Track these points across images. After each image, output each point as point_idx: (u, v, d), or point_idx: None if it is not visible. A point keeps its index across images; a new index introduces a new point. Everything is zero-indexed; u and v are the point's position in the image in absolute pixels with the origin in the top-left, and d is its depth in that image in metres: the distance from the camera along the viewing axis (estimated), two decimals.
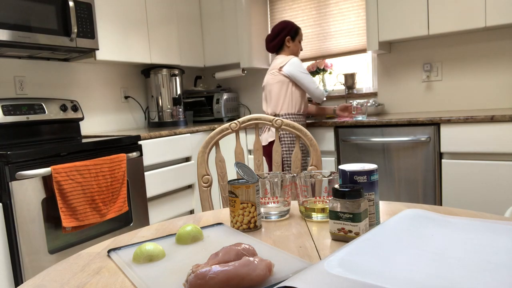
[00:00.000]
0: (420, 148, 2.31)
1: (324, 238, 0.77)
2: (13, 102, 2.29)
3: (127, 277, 0.65)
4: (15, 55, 2.36)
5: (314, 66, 3.27)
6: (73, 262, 0.73)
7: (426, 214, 0.74)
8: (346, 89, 3.16)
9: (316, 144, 1.41)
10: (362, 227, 0.73)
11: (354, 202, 0.73)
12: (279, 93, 2.48)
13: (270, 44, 2.62)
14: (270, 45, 2.62)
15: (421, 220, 0.71)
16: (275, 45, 2.60)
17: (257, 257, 0.60)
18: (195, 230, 0.78)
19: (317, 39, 3.29)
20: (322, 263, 0.53)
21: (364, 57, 3.15)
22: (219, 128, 1.46)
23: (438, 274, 0.50)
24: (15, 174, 1.78)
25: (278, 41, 2.57)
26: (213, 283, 0.54)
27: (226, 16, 3.39)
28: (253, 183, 0.85)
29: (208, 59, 3.55)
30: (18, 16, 2.04)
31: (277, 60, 2.55)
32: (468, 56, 2.69)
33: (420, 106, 2.90)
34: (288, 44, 2.57)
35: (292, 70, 2.45)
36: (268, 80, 2.54)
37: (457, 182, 2.23)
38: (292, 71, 2.45)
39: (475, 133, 2.14)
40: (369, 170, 0.80)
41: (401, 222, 0.70)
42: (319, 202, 0.89)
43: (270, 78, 2.53)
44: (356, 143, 2.53)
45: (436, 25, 2.46)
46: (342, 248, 0.59)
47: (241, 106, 3.75)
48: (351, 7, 3.09)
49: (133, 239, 0.85)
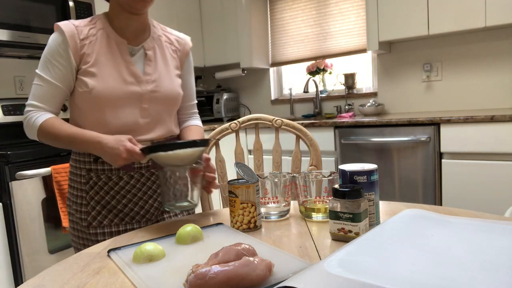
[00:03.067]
0: (420, 148, 2.31)
1: (324, 238, 0.77)
2: (13, 102, 2.29)
3: (127, 277, 0.65)
4: (15, 55, 2.36)
5: (314, 66, 3.27)
6: (73, 262, 0.73)
7: (426, 214, 0.74)
8: (346, 89, 3.16)
9: (317, 144, 1.41)
10: (362, 227, 0.73)
11: (354, 202, 0.73)
12: None
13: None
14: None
15: (421, 220, 0.71)
16: None
17: (257, 257, 0.60)
18: (195, 230, 0.78)
19: (317, 39, 3.29)
20: (322, 263, 0.53)
21: (364, 57, 3.15)
22: (219, 128, 1.46)
23: (438, 274, 0.50)
24: (15, 174, 1.78)
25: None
26: (213, 283, 0.54)
27: (226, 16, 3.39)
28: (253, 183, 0.85)
29: (208, 59, 3.55)
30: (18, 16, 2.04)
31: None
32: (468, 56, 2.69)
33: (420, 106, 2.90)
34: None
35: None
36: None
37: (457, 182, 2.23)
38: None
39: (475, 133, 2.14)
40: (369, 170, 0.80)
41: (401, 222, 0.70)
42: (319, 202, 0.89)
43: None
44: (356, 143, 2.53)
45: (436, 25, 2.46)
46: (342, 248, 0.59)
47: (241, 106, 3.75)
48: (351, 7, 3.09)
49: (133, 239, 0.85)
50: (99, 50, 1.05)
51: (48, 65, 1.02)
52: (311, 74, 3.30)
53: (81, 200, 1.09)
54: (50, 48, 1.02)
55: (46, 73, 1.02)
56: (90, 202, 1.08)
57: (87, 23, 1.06)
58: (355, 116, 2.91)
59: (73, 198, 1.12)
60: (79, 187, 1.10)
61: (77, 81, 1.04)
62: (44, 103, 1.03)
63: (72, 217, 1.12)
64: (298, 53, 3.41)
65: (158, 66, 1.12)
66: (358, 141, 2.51)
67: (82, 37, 1.03)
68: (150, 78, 1.10)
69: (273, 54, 3.55)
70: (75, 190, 1.11)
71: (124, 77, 1.06)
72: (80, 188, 1.09)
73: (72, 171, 1.13)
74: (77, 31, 1.03)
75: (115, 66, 1.05)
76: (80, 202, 1.09)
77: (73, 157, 1.13)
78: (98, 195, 1.08)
